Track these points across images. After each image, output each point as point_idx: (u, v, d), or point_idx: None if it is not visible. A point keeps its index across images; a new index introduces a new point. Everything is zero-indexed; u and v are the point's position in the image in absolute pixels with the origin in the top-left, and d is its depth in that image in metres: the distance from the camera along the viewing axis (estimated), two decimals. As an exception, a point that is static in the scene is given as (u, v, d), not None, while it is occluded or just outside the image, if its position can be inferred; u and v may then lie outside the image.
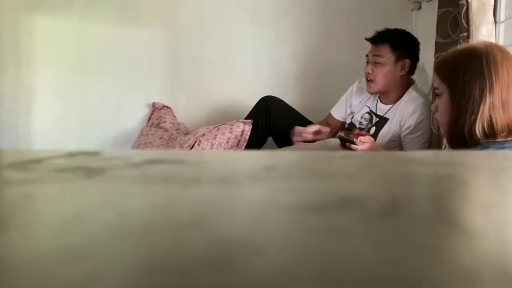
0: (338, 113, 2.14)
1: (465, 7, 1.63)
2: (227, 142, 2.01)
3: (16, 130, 2.43)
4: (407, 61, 1.90)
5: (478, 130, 1.12)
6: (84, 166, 0.34)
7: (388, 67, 1.90)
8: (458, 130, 1.15)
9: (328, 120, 2.15)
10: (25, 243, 0.18)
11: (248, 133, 2.04)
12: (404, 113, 1.88)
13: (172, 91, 2.52)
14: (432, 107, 1.28)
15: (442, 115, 1.21)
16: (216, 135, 2.02)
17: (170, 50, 2.51)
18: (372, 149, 1.70)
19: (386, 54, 1.89)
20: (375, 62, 1.90)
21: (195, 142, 2.00)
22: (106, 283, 0.14)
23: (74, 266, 0.15)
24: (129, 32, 2.47)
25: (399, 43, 1.91)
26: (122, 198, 0.25)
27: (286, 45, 2.51)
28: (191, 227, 0.19)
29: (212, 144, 2.00)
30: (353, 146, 1.68)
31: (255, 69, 2.52)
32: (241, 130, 2.04)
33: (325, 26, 2.49)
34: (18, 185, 0.28)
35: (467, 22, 1.63)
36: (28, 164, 0.35)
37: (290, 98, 2.50)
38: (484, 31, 1.62)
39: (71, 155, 0.40)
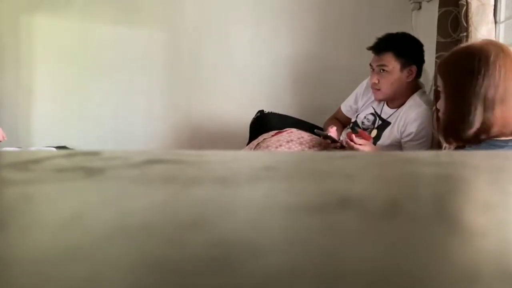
0: (347, 109, 2.10)
1: (465, 7, 1.63)
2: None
3: (16, 130, 2.43)
4: (414, 67, 1.83)
5: (471, 127, 1.12)
6: (84, 166, 0.34)
7: (394, 75, 1.82)
8: (452, 127, 1.16)
9: (337, 115, 2.13)
10: (25, 243, 0.18)
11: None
12: (405, 119, 1.83)
13: (172, 91, 2.52)
14: (438, 106, 1.27)
15: (442, 113, 1.22)
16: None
17: (170, 50, 2.50)
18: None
19: (391, 62, 1.82)
20: (381, 71, 1.83)
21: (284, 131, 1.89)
22: (106, 283, 0.14)
23: (74, 266, 0.15)
24: (129, 32, 2.47)
25: (402, 50, 1.83)
26: (122, 198, 0.25)
27: (286, 45, 2.51)
28: (191, 227, 0.19)
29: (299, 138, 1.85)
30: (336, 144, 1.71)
31: (255, 69, 2.52)
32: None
33: (325, 26, 2.49)
34: (18, 185, 0.28)
35: (467, 22, 1.63)
36: (28, 164, 0.35)
37: (289, 98, 2.50)
38: (483, 31, 1.62)
39: (71, 155, 0.40)
